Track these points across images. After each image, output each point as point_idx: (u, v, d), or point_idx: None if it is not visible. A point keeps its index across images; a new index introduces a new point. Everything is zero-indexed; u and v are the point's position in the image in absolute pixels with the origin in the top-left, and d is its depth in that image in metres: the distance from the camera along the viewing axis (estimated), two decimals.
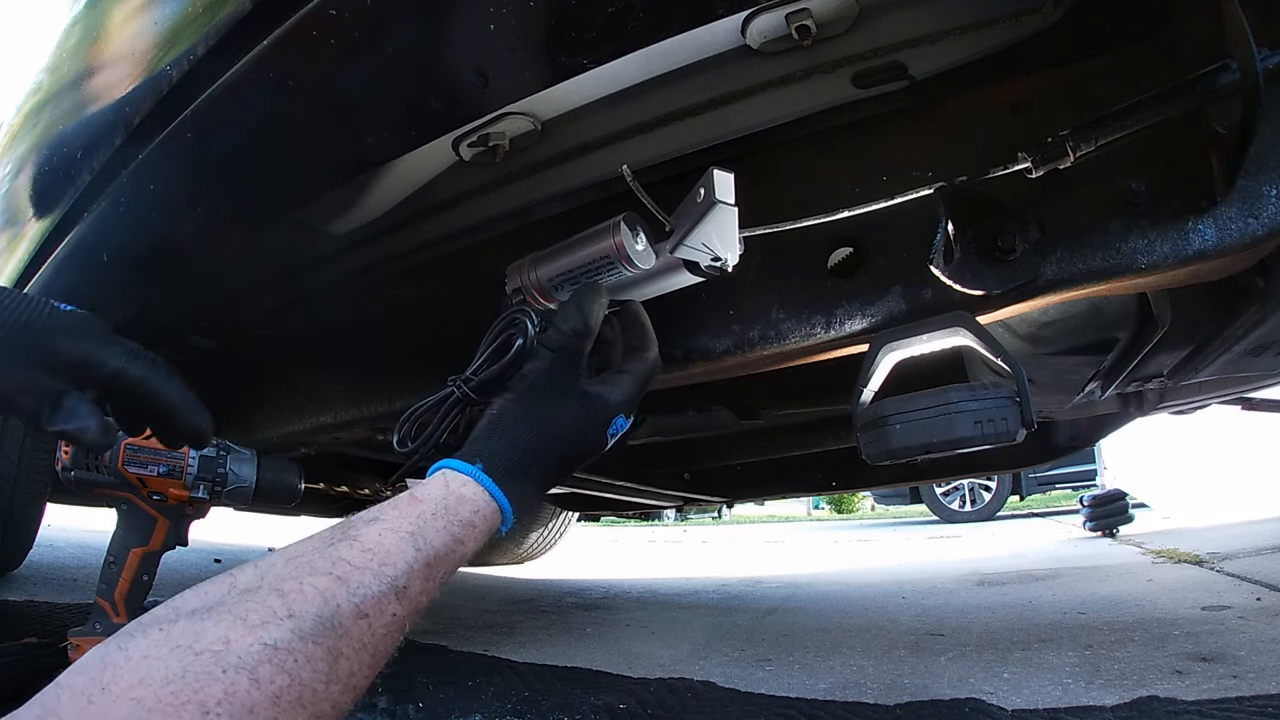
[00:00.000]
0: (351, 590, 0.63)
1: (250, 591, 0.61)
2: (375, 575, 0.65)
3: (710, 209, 0.90)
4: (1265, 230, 0.83)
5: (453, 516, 0.75)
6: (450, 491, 0.77)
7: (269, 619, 0.58)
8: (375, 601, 0.64)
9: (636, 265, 0.97)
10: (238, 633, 0.56)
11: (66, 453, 1.17)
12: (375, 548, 0.67)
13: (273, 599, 0.60)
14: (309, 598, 0.61)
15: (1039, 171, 0.86)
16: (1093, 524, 5.00)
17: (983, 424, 0.87)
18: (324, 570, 0.64)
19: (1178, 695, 1.24)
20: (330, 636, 0.60)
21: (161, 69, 0.87)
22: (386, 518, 0.71)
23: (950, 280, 0.94)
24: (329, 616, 0.61)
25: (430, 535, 0.72)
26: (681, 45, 0.82)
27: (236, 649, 0.55)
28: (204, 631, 0.56)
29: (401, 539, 0.69)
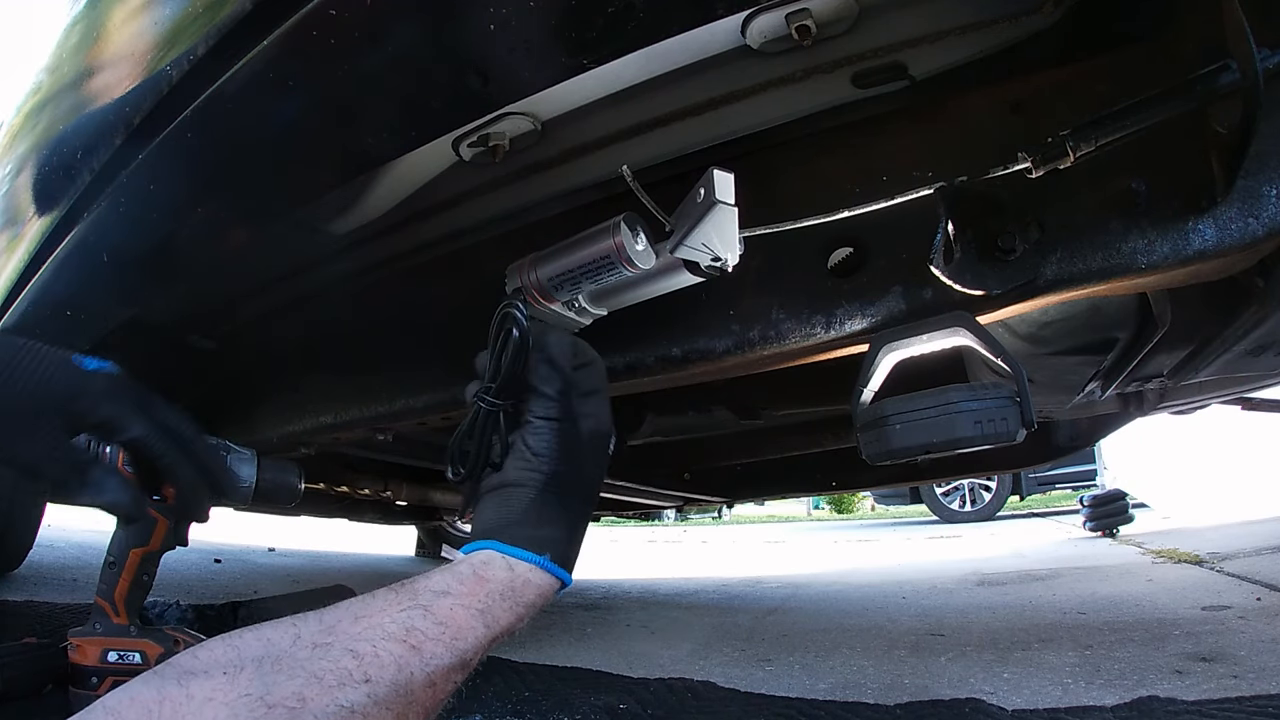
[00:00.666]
0: (425, 660, 0.64)
1: (321, 648, 0.62)
2: (448, 648, 0.67)
3: (710, 209, 0.90)
4: (1265, 230, 0.82)
5: (519, 599, 0.77)
6: (516, 575, 0.78)
7: (345, 681, 0.59)
8: (445, 673, 0.66)
9: (636, 265, 0.97)
10: (313, 691, 0.57)
11: None
12: (448, 621, 0.68)
13: (347, 660, 0.61)
14: (385, 664, 0.62)
15: (1039, 171, 0.85)
16: (1093, 524, 5.01)
17: (983, 424, 0.87)
18: (398, 637, 0.64)
19: (1177, 695, 1.24)
20: (401, 703, 0.61)
21: (162, 69, 0.86)
22: (456, 593, 0.72)
23: (950, 280, 0.94)
24: (403, 684, 0.62)
25: (498, 614, 0.74)
26: (681, 45, 0.82)
27: (312, 708, 0.56)
28: (276, 685, 0.57)
29: (472, 616, 0.71)
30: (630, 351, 1.18)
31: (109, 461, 1.17)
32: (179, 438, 0.86)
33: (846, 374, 1.04)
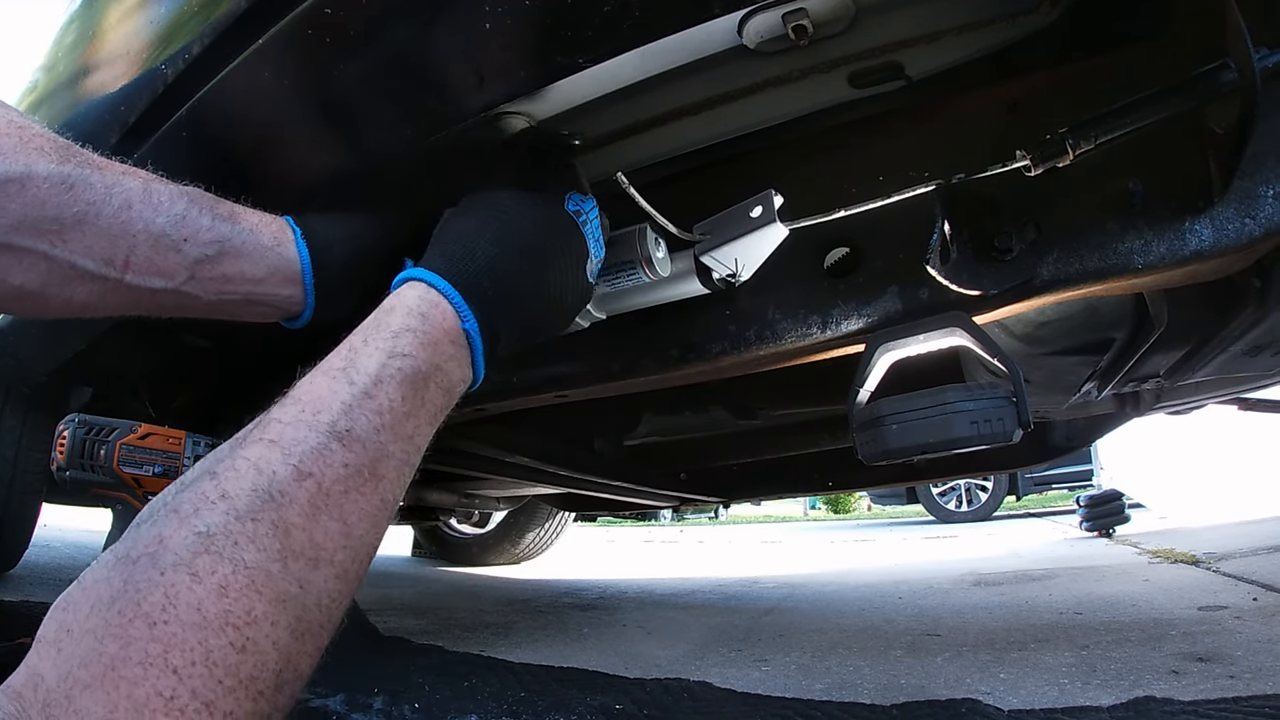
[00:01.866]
0: (286, 451, 0.56)
1: (187, 484, 0.56)
2: (309, 426, 0.58)
3: (761, 228, 0.93)
4: (1262, 231, 0.83)
5: (383, 330, 0.67)
6: (381, 310, 0.69)
7: (200, 505, 0.53)
8: (315, 455, 0.57)
9: (657, 271, 0.98)
10: (171, 527, 0.52)
11: (62, 452, 1.16)
12: (305, 396, 0.61)
13: (205, 483, 0.54)
14: (241, 472, 0.55)
15: (1037, 170, 0.85)
16: (1089, 524, 5.01)
17: (979, 424, 0.87)
18: (256, 438, 0.58)
19: (1174, 695, 1.24)
20: (271, 508, 0.53)
21: (157, 67, 0.86)
22: (320, 364, 0.65)
23: (947, 280, 0.94)
24: (264, 488, 0.54)
25: (363, 362, 0.64)
26: (678, 45, 0.82)
27: (170, 545, 0.50)
28: (140, 536, 0.52)
29: (332, 378, 0.62)
30: (627, 352, 1.18)
31: (105, 460, 1.17)
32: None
33: (843, 374, 1.04)
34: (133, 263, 0.73)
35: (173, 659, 0.46)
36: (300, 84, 0.81)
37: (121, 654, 0.46)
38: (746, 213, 0.96)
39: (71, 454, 1.16)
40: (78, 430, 1.16)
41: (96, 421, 1.18)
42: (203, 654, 0.47)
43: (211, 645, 0.47)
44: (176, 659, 0.46)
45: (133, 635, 0.46)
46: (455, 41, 0.75)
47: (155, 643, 0.46)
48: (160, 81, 0.86)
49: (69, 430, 1.16)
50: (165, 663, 0.46)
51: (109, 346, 1.30)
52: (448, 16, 0.72)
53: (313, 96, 0.84)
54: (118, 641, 0.46)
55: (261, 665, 0.49)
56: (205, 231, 0.76)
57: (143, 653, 0.46)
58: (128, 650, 0.46)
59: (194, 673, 0.46)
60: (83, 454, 1.16)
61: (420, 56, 0.77)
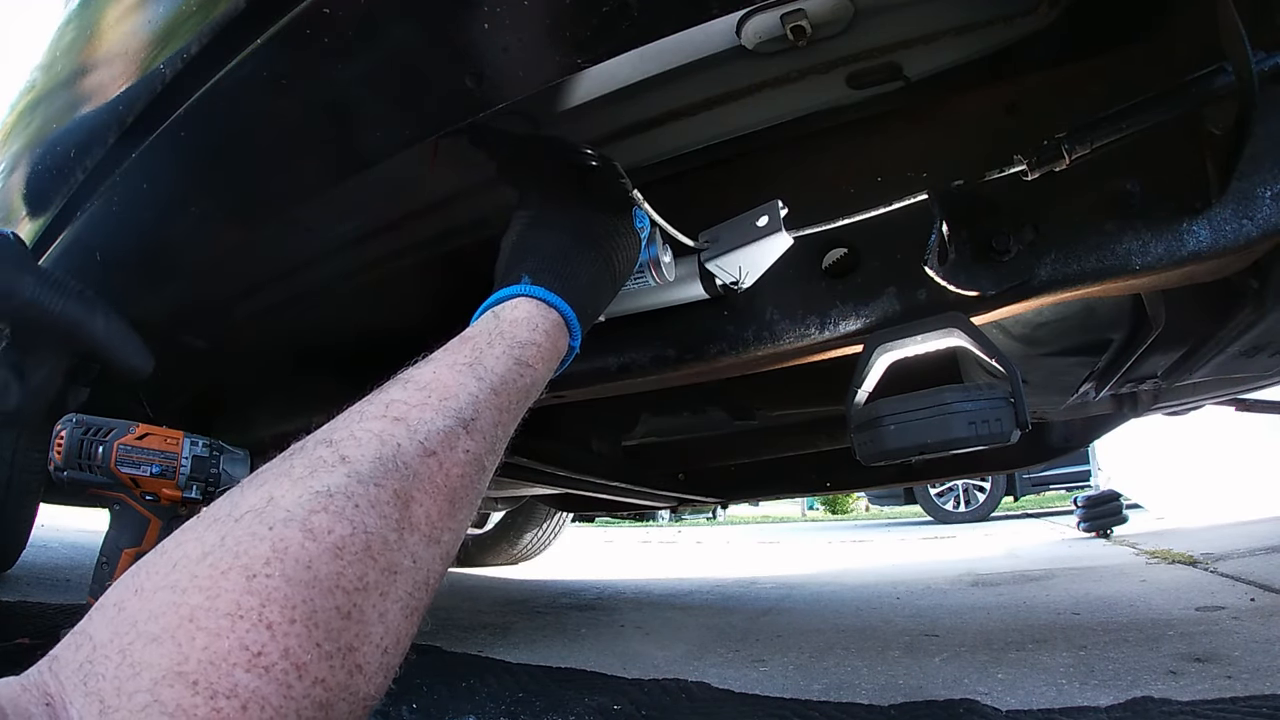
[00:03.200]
0: (412, 429, 0.56)
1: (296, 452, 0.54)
2: (437, 410, 0.58)
3: (767, 237, 0.93)
4: (1260, 232, 0.83)
5: (511, 339, 0.68)
6: (503, 318, 0.70)
7: (318, 468, 0.51)
8: (442, 437, 0.57)
9: (664, 276, 0.99)
10: (283, 488, 0.49)
11: (60, 453, 1.16)
12: (432, 383, 0.61)
13: (321, 449, 0.53)
14: (363, 442, 0.53)
15: (1035, 174, 0.86)
16: (1087, 525, 5.01)
17: (977, 425, 0.87)
18: (376, 415, 0.57)
19: (1172, 696, 1.24)
20: (395, 478, 0.52)
21: (155, 67, 0.86)
22: (438, 357, 0.65)
23: (944, 281, 0.94)
24: (389, 457, 0.53)
25: (490, 363, 0.65)
26: (676, 45, 0.82)
27: (283, 503, 0.47)
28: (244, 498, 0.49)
29: (459, 371, 0.63)
30: (625, 352, 1.18)
31: (103, 460, 1.17)
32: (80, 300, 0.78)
33: (841, 375, 1.04)
34: None
35: (269, 613, 0.42)
36: (299, 84, 0.81)
37: (207, 604, 0.42)
38: (752, 221, 0.97)
39: (69, 454, 1.16)
40: (75, 430, 1.16)
41: (94, 422, 1.18)
42: (306, 612, 0.43)
43: (318, 605, 0.44)
44: (274, 614, 0.42)
45: (224, 586, 0.42)
46: (453, 41, 0.75)
47: (251, 595, 0.42)
48: (159, 81, 0.86)
49: (67, 430, 1.16)
50: (260, 616, 0.42)
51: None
52: (446, 17, 0.72)
53: (311, 96, 0.83)
54: (204, 594, 0.42)
55: (365, 637, 0.46)
56: None
57: (234, 604, 0.42)
58: (215, 601, 0.42)
59: (291, 631, 0.42)
60: (80, 454, 1.16)
61: (419, 56, 0.77)
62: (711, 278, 1.03)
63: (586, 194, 0.87)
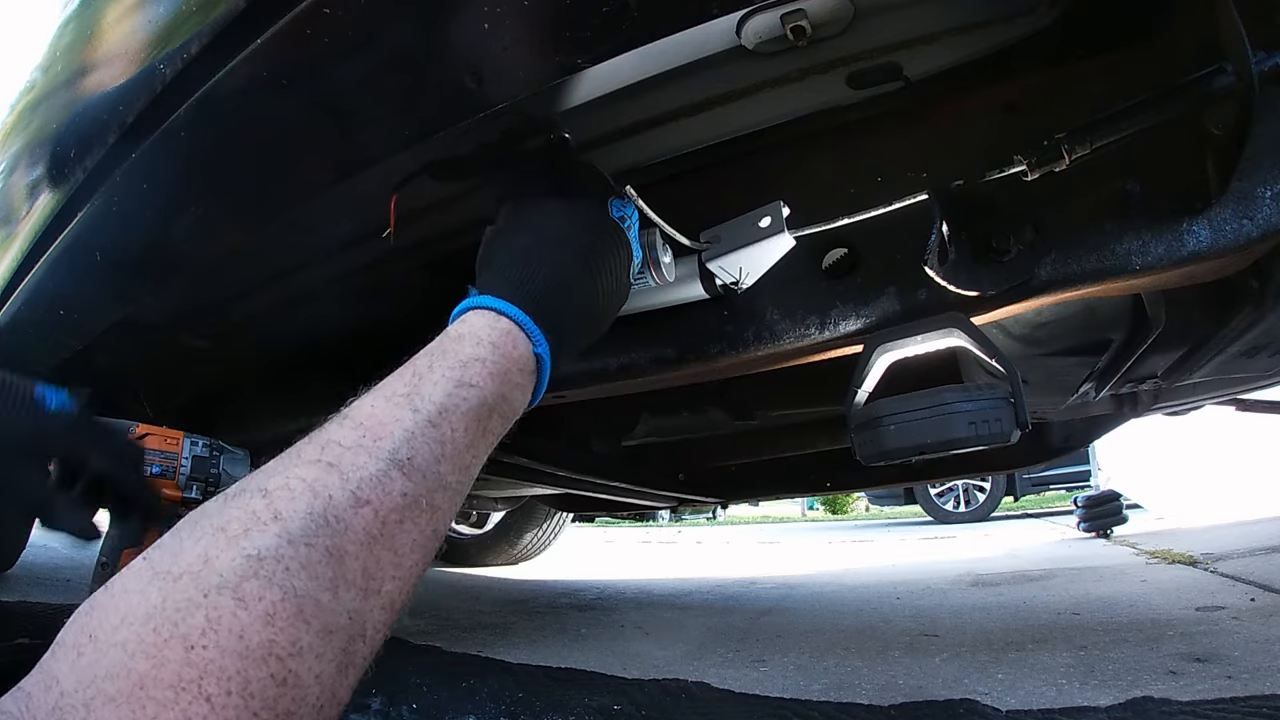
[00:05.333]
0: (345, 475, 0.55)
1: (234, 495, 0.54)
2: (369, 453, 0.57)
3: (769, 238, 0.93)
4: (1260, 232, 0.83)
5: (451, 359, 0.66)
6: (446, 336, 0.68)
7: (251, 525, 0.50)
8: (375, 482, 0.55)
9: (664, 276, 0.99)
10: (218, 547, 0.49)
11: None
12: (367, 420, 0.59)
13: (255, 501, 0.52)
14: (296, 493, 0.53)
15: (1034, 174, 0.86)
16: (1087, 525, 5.01)
17: (977, 425, 0.87)
18: (311, 458, 0.56)
19: (1172, 696, 1.24)
20: (326, 534, 0.51)
21: (155, 67, 0.86)
22: (381, 386, 0.64)
23: (944, 281, 0.94)
24: (320, 512, 0.52)
25: (428, 390, 0.63)
26: (676, 45, 0.82)
27: (217, 566, 0.48)
28: (183, 551, 0.49)
29: (395, 404, 0.61)
30: (625, 352, 1.18)
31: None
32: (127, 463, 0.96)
33: (841, 375, 1.04)
34: None
35: (207, 686, 0.44)
36: (299, 84, 0.81)
37: (153, 674, 0.44)
38: (754, 222, 0.97)
39: None
40: None
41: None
42: (240, 684, 0.45)
43: (251, 676, 0.45)
44: (211, 687, 0.44)
45: (167, 656, 0.44)
46: (454, 41, 0.75)
47: (190, 667, 0.44)
48: (159, 81, 0.86)
49: None
50: (199, 689, 0.44)
51: (107, 346, 1.30)
52: (447, 16, 0.72)
53: (312, 97, 0.83)
54: (150, 660, 0.44)
55: (301, 700, 0.47)
56: None
57: (175, 675, 0.44)
58: (160, 671, 0.44)
59: (229, 703, 0.44)
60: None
61: (419, 56, 0.77)
62: (712, 278, 1.03)
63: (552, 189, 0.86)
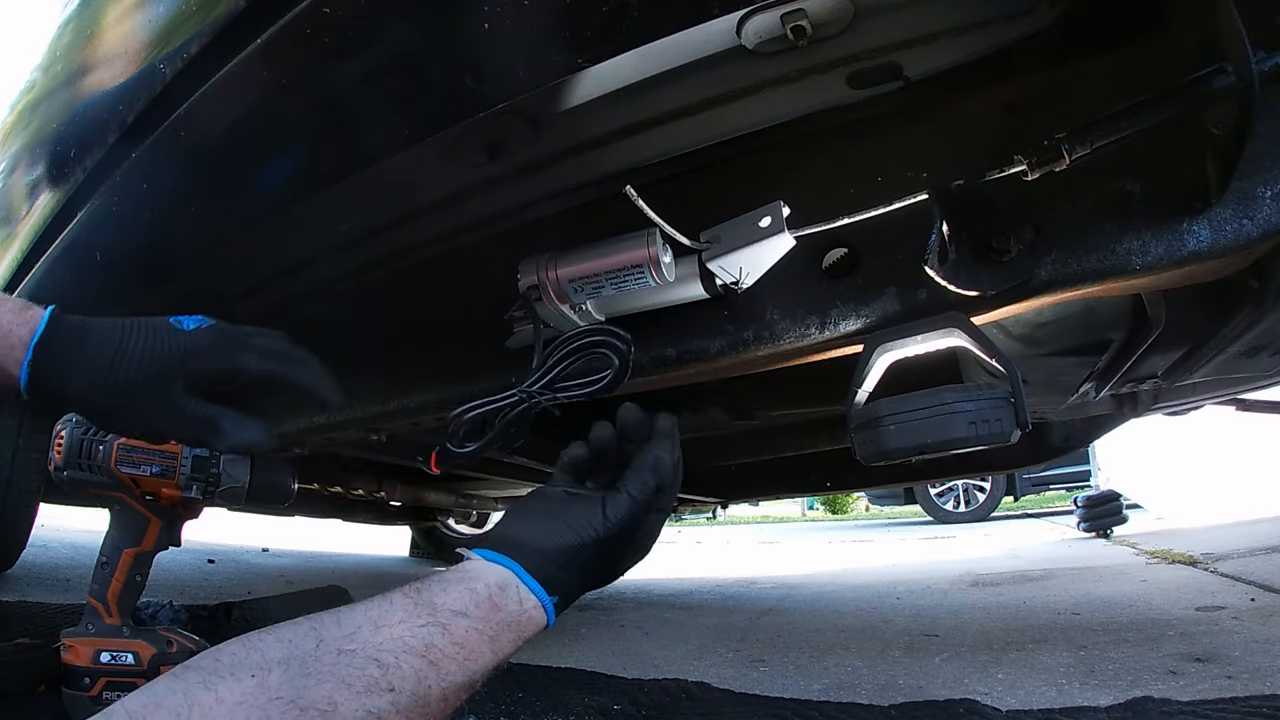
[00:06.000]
0: (441, 676, 0.68)
1: (346, 654, 0.64)
2: (461, 668, 0.70)
3: (770, 238, 0.93)
4: (1260, 232, 0.83)
5: (520, 633, 0.78)
6: (524, 611, 0.78)
7: (372, 688, 0.62)
8: (456, 690, 0.70)
9: (665, 276, 0.98)
10: (343, 696, 0.61)
11: (60, 452, 1.16)
12: (464, 643, 0.71)
13: (373, 668, 0.64)
14: (406, 676, 0.65)
15: (1035, 174, 0.86)
16: (1087, 525, 5.01)
17: (977, 425, 0.87)
18: (419, 652, 0.68)
19: (1172, 696, 1.24)
20: (418, 712, 0.65)
21: (155, 67, 0.86)
22: (472, 616, 0.74)
23: (945, 281, 0.94)
24: (421, 696, 0.66)
25: (503, 644, 0.76)
26: (676, 45, 0.82)
27: (343, 712, 0.60)
28: (307, 689, 0.60)
29: (484, 641, 0.73)
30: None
31: (104, 460, 1.17)
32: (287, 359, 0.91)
33: (841, 375, 1.04)
34: None
35: None
36: (298, 83, 0.81)
37: None
38: (754, 222, 0.97)
39: (69, 454, 1.16)
40: (75, 430, 1.16)
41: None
42: None
43: None
44: None
45: None
46: (454, 41, 0.75)
47: None
48: (159, 81, 0.86)
49: (67, 430, 1.16)
50: None
51: None
52: (447, 16, 0.72)
53: (310, 96, 0.84)
54: None
55: None
56: None
57: None
58: None
59: None
60: (81, 454, 1.16)
61: (418, 56, 0.77)
62: (712, 277, 1.03)
63: (640, 533, 0.90)
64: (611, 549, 0.86)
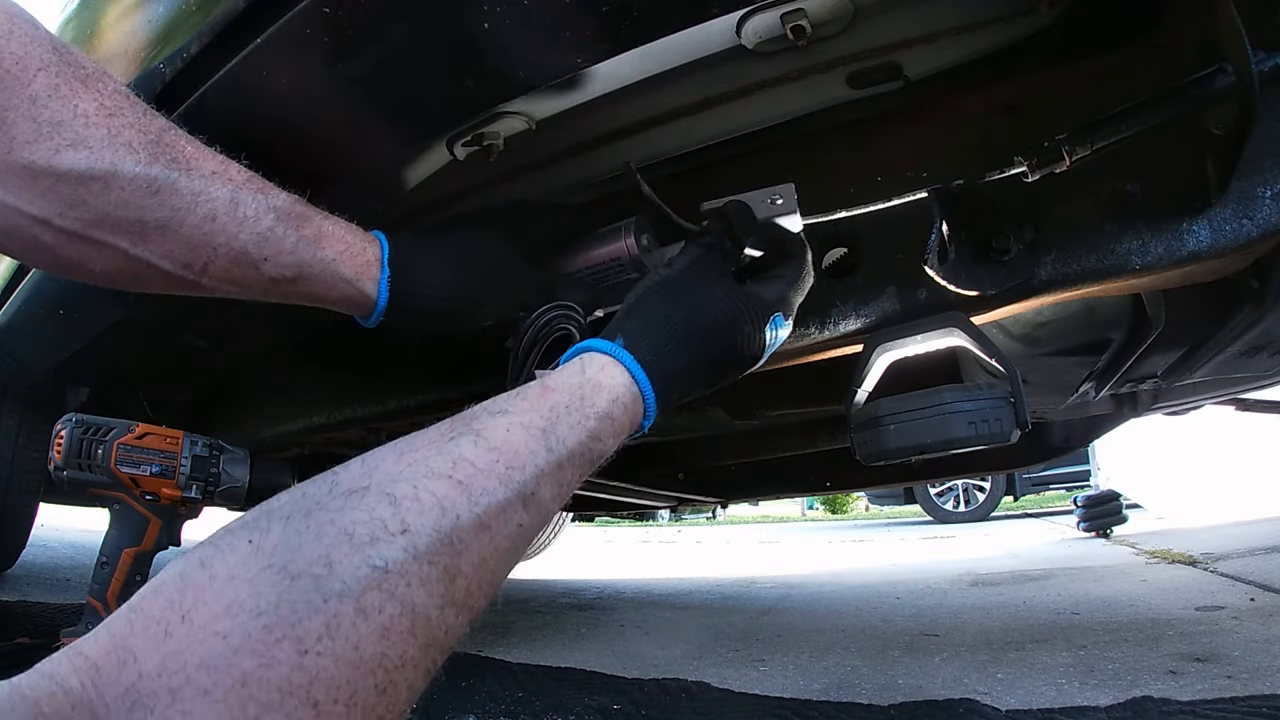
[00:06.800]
0: (474, 498, 0.55)
1: (355, 494, 0.53)
2: (502, 480, 0.57)
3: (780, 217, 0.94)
4: (1259, 231, 0.83)
5: (589, 408, 0.66)
6: (587, 379, 0.68)
7: (379, 534, 0.50)
8: (500, 511, 0.56)
9: (645, 267, 0.98)
10: (342, 551, 0.49)
11: (60, 452, 1.16)
12: (503, 446, 0.59)
13: (383, 507, 0.52)
14: (426, 507, 0.53)
15: (1035, 175, 0.86)
16: (1086, 524, 5.01)
17: (977, 424, 0.87)
18: (443, 472, 0.55)
19: (1172, 695, 1.24)
20: (448, 554, 0.52)
21: (155, 67, 0.86)
22: (515, 410, 0.62)
23: (945, 281, 0.94)
24: (447, 531, 0.53)
25: (563, 432, 0.63)
26: (676, 45, 0.82)
27: (340, 572, 0.47)
28: (302, 548, 0.49)
29: (532, 436, 0.61)
30: None
31: (103, 460, 1.17)
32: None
33: (841, 374, 1.04)
34: (211, 270, 0.76)
35: (316, 693, 0.44)
36: (299, 83, 0.81)
37: (258, 673, 0.43)
38: (766, 199, 0.95)
39: (69, 454, 1.16)
40: (75, 430, 1.16)
41: (94, 421, 1.19)
42: (348, 693, 0.45)
43: (359, 686, 0.46)
44: (320, 694, 0.44)
45: (277, 657, 0.44)
46: (454, 41, 0.75)
47: (301, 672, 0.44)
48: (158, 81, 0.86)
49: (67, 430, 1.16)
50: (307, 694, 0.44)
51: (107, 346, 1.30)
52: (447, 16, 0.72)
53: (311, 96, 0.83)
54: (257, 659, 0.44)
55: (393, 707, 0.48)
56: (286, 254, 0.78)
57: (284, 678, 0.44)
58: (268, 672, 0.44)
59: (334, 711, 0.45)
60: (80, 454, 1.16)
61: (419, 55, 0.77)
62: None
63: (737, 289, 0.84)
64: (682, 302, 0.78)
